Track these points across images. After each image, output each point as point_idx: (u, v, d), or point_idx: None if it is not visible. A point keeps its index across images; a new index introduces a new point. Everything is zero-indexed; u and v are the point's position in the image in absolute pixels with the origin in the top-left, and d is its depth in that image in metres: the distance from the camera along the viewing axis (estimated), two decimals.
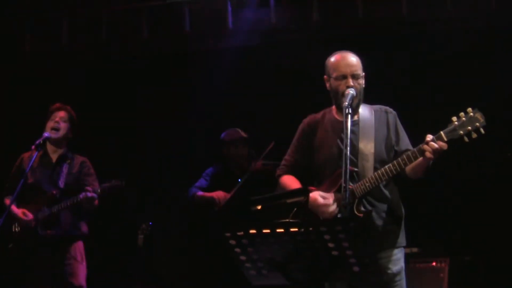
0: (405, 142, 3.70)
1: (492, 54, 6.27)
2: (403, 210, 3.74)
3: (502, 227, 6.07)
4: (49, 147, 5.19)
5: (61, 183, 5.08)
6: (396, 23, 6.71)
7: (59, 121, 5.11)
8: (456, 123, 3.34)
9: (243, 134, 5.80)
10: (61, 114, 5.12)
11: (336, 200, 3.52)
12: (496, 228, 6.10)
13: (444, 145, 3.34)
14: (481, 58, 6.28)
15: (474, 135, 3.31)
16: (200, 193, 5.75)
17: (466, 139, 3.32)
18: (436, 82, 6.45)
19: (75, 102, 6.92)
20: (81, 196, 4.90)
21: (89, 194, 4.90)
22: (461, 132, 3.32)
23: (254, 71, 6.81)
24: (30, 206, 5.00)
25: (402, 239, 3.70)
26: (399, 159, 3.46)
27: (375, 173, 3.52)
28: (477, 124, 3.30)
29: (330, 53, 3.85)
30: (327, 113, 3.84)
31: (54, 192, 5.02)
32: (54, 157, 5.17)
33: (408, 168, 3.50)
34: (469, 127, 3.30)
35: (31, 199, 5.02)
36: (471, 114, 3.32)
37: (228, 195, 5.59)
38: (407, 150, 3.59)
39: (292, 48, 6.81)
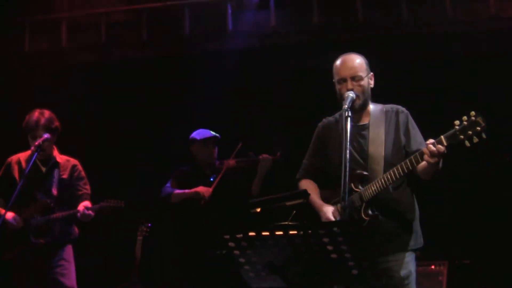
0: (416, 142, 3.67)
1: (492, 56, 6.27)
2: (416, 212, 3.73)
3: (500, 231, 6.07)
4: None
5: (54, 191, 5.06)
6: (396, 26, 6.72)
7: (43, 145, 5.00)
8: (457, 127, 3.31)
9: (213, 134, 5.82)
10: (41, 134, 4.98)
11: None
12: (495, 232, 6.10)
13: (441, 149, 3.32)
14: (481, 60, 6.28)
15: (476, 140, 3.26)
16: (178, 190, 5.69)
17: (467, 143, 3.28)
18: (436, 84, 6.45)
19: (74, 103, 6.96)
20: (79, 214, 4.89)
21: (87, 212, 4.90)
22: (462, 136, 3.28)
23: (253, 73, 6.82)
24: (23, 212, 4.98)
25: (413, 242, 3.70)
26: (403, 163, 3.47)
27: (381, 177, 3.52)
28: (478, 128, 3.25)
29: (329, 55, 3.86)
30: (340, 116, 3.85)
31: (49, 201, 5.00)
32: (42, 164, 5.13)
33: (419, 170, 3.50)
34: (470, 131, 3.26)
35: (23, 206, 4.98)
36: (473, 118, 3.27)
37: (210, 189, 5.57)
38: (418, 150, 3.55)
39: (292, 50, 6.82)
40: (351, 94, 3.55)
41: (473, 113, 3.29)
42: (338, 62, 3.73)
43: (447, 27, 6.62)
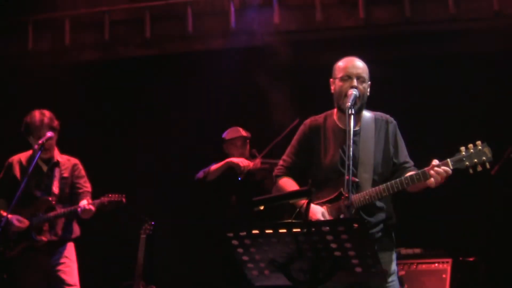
0: (403, 153, 3.73)
1: (495, 54, 6.26)
2: (395, 218, 3.79)
3: (504, 229, 6.07)
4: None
5: (55, 189, 5.09)
6: (398, 24, 6.71)
7: (46, 144, 5.03)
8: (464, 153, 3.40)
9: (243, 133, 5.80)
10: (45, 133, 5.01)
11: (334, 209, 3.58)
12: (498, 229, 6.09)
13: (449, 172, 3.40)
14: (484, 58, 6.27)
15: (480, 168, 3.38)
16: (215, 165, 5.65)
17: (471, 171, 3.40)
18: (439, 83, 6.44)
19: (76, 101, 6.97)
20: (79, 209, 4.90)
21: (87, 207, 4.90)
22: (468, 163, 3.39)
23: (256, 71, 6.81)
24: (24, 211, 5.00)
25: (393, 243, 3.76)
26: (403, 179, 3.48)
27: (376, 188, 3.53)
28: (484, 158, 3.37)
29: (332, 54, 3.85)
30: (329, 117, 3.82)
31: (50, 198, 5.03)
32: (43, 164, 5.15)
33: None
34: (476, 160, 3.37)
35: (24, 205, 5.00)
36: (480, 147, 3.38)
37: (251, 163, 5.56)
38: (405, 162, 3.66)
39: (294, 48, 6.81)
40: (354, 92, 3.54)
41: (479, 142, 3.39)
42: (343, 61, 3.73)
43: (449, 25, 6.61)
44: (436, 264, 5.59)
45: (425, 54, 6.59)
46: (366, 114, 3.77)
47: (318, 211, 3.61)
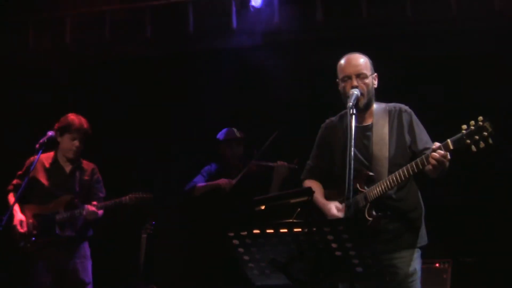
0: (422, 140, 3.68)
1: (496, 54, 6.25)
2: (421, 210, 3.73)
3: (505, 229, 6.06)
4: (60, 157, 5.28)
5: (77, 188, 5.22)
6: (400, 23, 6.70)
7: (79, 146, 5.22)
8: (464, 131, 3.31)
9: (237, 134, 5.81)
10: (81, 137, 5.23)
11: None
12: (499, 229, 6.08)
13: (446, 155, 3.33)
14: (485, 58, 6.27)
15: (482, 145, 3.27)
16: (201, 184, 5.73)
17: (473, 148, 3.29)
18: (439, 83, 6.44)
19: (76, 101, 6.97)
20: (84, 211, 5.03)
21: (91, 209, 5.02)
22: (469, 141, 3.29)
23: (257, 71, 6.81)
24: (46, 208, 5.13)
25: (418, 240, 3.72)
26: (409, 165, 3.47)
27: (386, 178, 3.53)
28: (485, 133, 3.25)
29: (333, 53, 3.86)
30: (344, 116, 3.84)
31: (72, 196, 5.16)
32: (66, 165, 5.28)
33: (426, 169, 3.49)
34: (477, 136, 3.27)
35: (46, 202, 5.21)
36: (480, 123, 3.28)
37: (233, 182, 5.59)
38: (425, 149, 3.59)
39: (295, 48, 6.81)
40: (355, 92, 3.56)
41: (481, 118, 3.30)
42: (342, 60, 3.74)
43: (450, 25, 6.60)
44: (437, 264, 5.59)
45: (425, 54, 6.58)
46: (379, 106, 3.76)
47: (332, 207, 3.67)
